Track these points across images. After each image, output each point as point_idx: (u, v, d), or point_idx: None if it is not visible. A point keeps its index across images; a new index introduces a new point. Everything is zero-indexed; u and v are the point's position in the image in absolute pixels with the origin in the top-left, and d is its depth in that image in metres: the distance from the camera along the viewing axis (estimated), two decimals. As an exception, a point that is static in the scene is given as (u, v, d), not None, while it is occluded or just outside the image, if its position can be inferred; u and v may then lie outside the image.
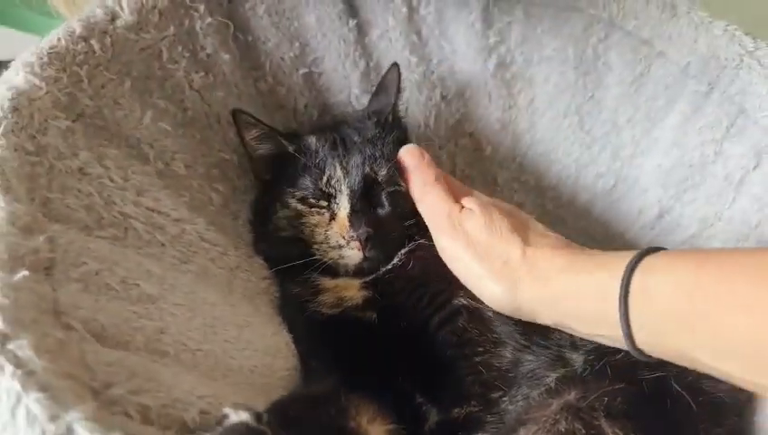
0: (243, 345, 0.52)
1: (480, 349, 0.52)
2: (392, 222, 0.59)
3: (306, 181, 0.59)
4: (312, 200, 0.59)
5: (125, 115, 0.53)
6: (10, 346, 0.34)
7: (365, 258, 0.57)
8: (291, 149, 0.61)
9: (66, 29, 0.52)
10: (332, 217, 0.59)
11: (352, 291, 0.58)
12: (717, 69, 0.63)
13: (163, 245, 0.51)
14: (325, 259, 0.58)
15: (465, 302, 0.54)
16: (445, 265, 0.54)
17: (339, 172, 0.59)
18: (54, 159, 0.46)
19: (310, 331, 0.57)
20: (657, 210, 0.68)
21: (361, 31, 0.70)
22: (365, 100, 0.70)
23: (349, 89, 0.70)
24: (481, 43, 0.72)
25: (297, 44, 0.67)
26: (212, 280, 0.54)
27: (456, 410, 0.50)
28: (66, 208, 0.45)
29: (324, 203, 0.59)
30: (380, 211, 0.59)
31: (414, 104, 0.73)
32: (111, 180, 0.49)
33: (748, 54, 0.61)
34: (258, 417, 0.39)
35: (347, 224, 0.57)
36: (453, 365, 0.52)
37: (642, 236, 0.70)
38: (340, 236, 0.57)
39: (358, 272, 0.58)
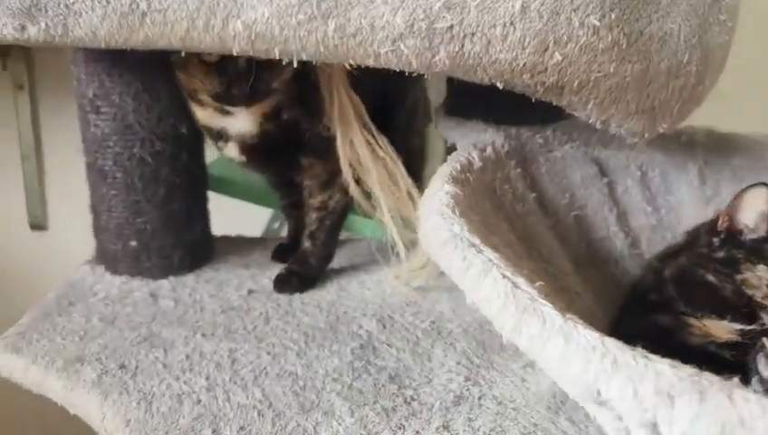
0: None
1: None
2: None
3: None
4: None
5: (496, 224, 0.75)
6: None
7: None
8: None
9: (452, 168, 0.76)
10: None
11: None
12: None
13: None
14: None
15: None
16: None
17: None
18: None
19: None
20: None
21: (611, 186, 0.93)
22: (622, 235, 0.91)
23: (608, 228, 0.91)
24: (699, 195, 0.94)
25: (567, 194, 0.90)
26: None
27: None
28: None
29: None
30: None
31: (651, 243, 0.93)
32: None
33: None
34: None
35: None
36: None
37: None
38: None
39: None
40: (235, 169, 1.22)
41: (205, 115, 0.91)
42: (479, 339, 0.86)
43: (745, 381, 0.46)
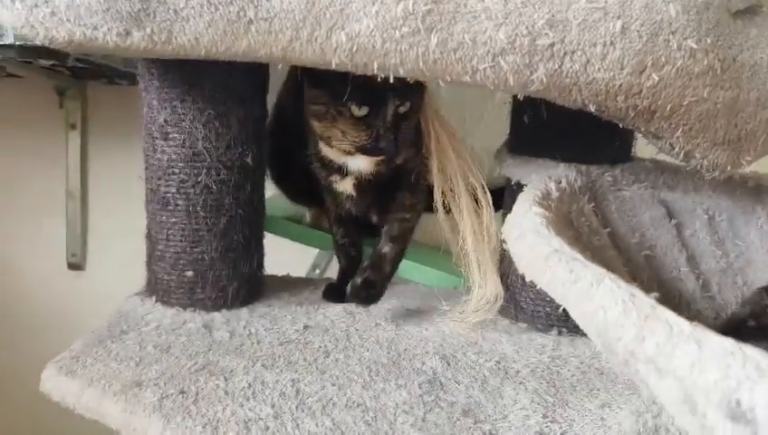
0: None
1: None
2: None
3: None
4: None
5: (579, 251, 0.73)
6: None
7: None
8: None
9: (533, 194, 0.75)
10: None
11: None
12: None
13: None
14: None
15: None
16: None
17: None
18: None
19: None
20: None
21: (679, 228, 0.92)
22: (693, 277, 0.89)
23: (678, 269, 0.90)
24: (769, 240, 0.93)
25: (637, 234, 0.89)
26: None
27: None
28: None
29: None
30: None
31: (721, 286, 0.91)
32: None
33: None
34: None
35: None
36: None
37: None
38: None
39: None
40: (280, 207, 1.22)
41: (332, 153, 0.93)
42: (549, 379, 0.83)
43: None
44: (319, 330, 0.94)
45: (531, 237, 0.62)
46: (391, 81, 0.67)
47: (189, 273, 0.96)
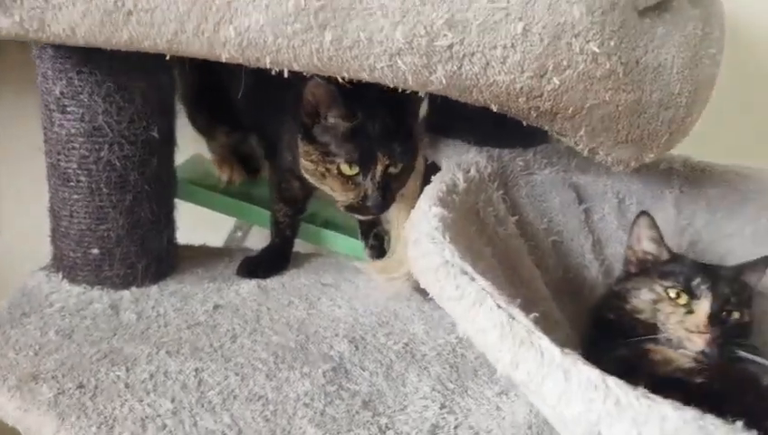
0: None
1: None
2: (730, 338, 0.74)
3: (679, 279, 0.77)
4: (672, 292, 0.76)
5: (479, 248, 0.73)
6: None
7: (703, 352, 0.72)
8: (666, 256, 0.83)
9: (438, 189, 0.74)
10: (689, 312, 0.74)
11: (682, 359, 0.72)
12: None
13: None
14: (671, 337, 0.73)
15: None
16: None
17: (706, 282, 0.76)
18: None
19: None
20: None
21: (588, 213, 0.93)
22: (597, 264, 0.90)
23: (583, 255, 0.91)
24: (674, 224, 0.94)
25: (546, 219, 0.90)
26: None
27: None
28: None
29: (685, 299, 0.75)
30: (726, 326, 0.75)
31: (626, 271, 0.93)
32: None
33: None
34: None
35: (705, 320, 0.73)
36: None
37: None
38: (694, 325, 0.73)
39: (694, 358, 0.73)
40: (200, 174, 1.19)
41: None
42: (453, 362, 0.84)
43: (750, 424, 0.45)
44: (229, 310, 0.93)
45: (425, 244, 0.61)
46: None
47: (95, 250, 0.93)
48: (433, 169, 0.87)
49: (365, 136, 0.82)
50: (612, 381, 0.45)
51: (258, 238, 1.32)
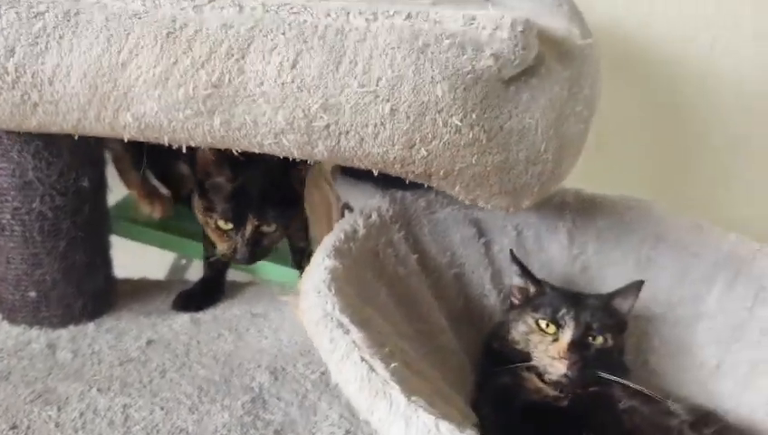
0: None
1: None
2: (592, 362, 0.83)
3: (547, 311, 0.86)
4: (542, 323, 0.85)
5: (374, 292, 0.81)
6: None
7: (566, 375, 0.81)
8: (533, 289, 0.91)
9: (336, 237, 0.82)
10: (555, 340, 0.83)
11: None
12: (738, 261, 0.95)
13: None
14: (538, 365, 0.83)
15: None
16: None
17: (570, 312, 0.85)
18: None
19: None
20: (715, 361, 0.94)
21: (487, 246, 1.02)
22: (495, 293, 0.99)
23: (483, 285, 1.00)
24: (568, 254, 1.04)
25: (448, 253, 0.98)
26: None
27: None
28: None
29: (553, 329, 0.84)
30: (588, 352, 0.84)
31: (525, 297, 1.02)
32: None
33: (760, 250, 0.93)
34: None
35: (565, 347, 0.82)
36: None
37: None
38: (556, 351, 0.82)
39: (557, 383, 0.82)
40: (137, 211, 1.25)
41: None
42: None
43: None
44: (161, 345, 1.00)
45: (312, 296, 0.69)
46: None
47: (32, 293, 1.00)
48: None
49: (243, 197, 0.96)
50: (444, 426, 0.54)
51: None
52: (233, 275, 1.19)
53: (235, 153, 0.73)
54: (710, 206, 1.37)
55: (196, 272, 1.39)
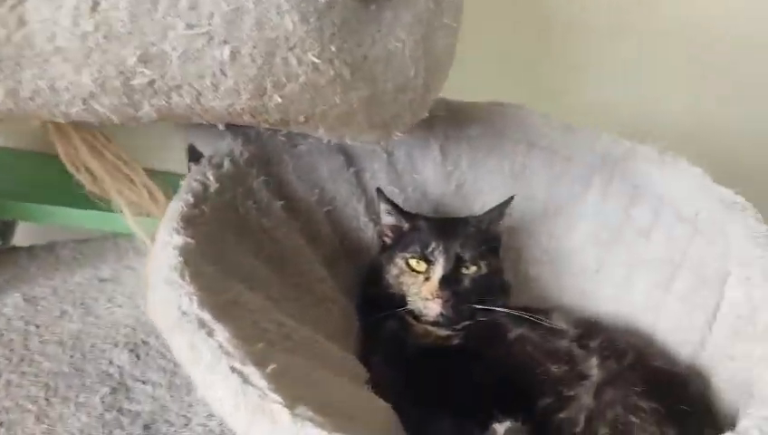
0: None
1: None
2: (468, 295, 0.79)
3: (417, 248, 0.80)
4: (413, 262, 0.80)
5: (238, 258, 0.71)
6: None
7: (441, 314, 0.77)
8: (407, 225, 0.85)
9: (184, 201, 0.69)
10: (427, 279, 0.78)
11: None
12: (612, 162, 0.93)
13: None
14: (413, 308, 0.78)
15: None
16: None
17: (439, 245, 0.79)
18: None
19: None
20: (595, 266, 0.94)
21: (358, 175, 0.93)
22: (372, 225, 0.92)
23: (358, 218, 0.92)
24: (442, 171, 0.97)
25: (317, 190, 0.88)
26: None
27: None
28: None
29: (423, 267, 0.79)
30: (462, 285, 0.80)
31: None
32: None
33: (631, 150, 0.91)
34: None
35: (436, 285, 0.77)
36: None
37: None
38: (428, 292, 0.77)
39: (434, 323, 0.78)
40: None
41: None
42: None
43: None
44: (-10, 337, 0.84)
45: (162, 290, 0.58)
46: None
47: None
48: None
49: None
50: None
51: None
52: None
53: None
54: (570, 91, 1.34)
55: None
